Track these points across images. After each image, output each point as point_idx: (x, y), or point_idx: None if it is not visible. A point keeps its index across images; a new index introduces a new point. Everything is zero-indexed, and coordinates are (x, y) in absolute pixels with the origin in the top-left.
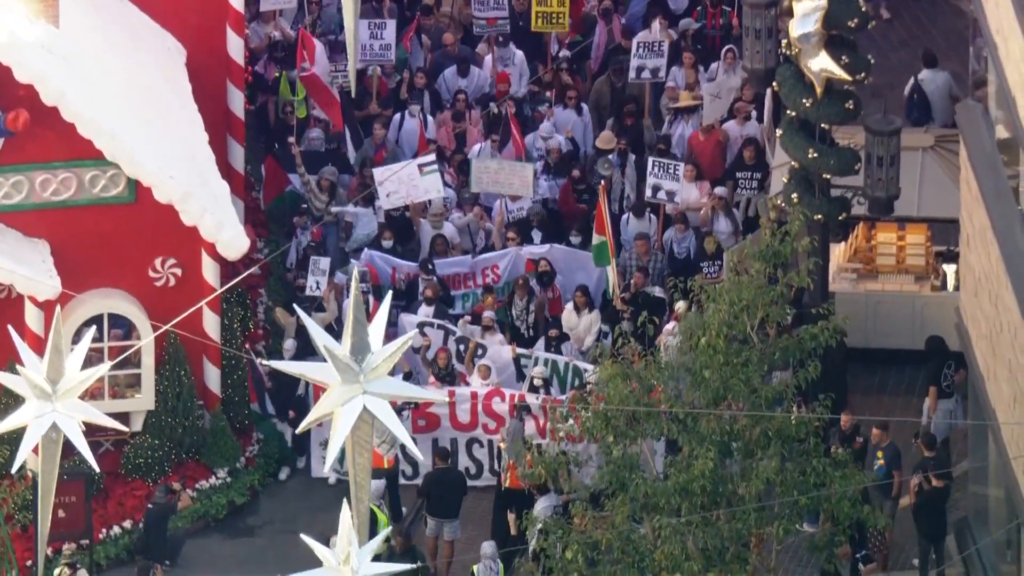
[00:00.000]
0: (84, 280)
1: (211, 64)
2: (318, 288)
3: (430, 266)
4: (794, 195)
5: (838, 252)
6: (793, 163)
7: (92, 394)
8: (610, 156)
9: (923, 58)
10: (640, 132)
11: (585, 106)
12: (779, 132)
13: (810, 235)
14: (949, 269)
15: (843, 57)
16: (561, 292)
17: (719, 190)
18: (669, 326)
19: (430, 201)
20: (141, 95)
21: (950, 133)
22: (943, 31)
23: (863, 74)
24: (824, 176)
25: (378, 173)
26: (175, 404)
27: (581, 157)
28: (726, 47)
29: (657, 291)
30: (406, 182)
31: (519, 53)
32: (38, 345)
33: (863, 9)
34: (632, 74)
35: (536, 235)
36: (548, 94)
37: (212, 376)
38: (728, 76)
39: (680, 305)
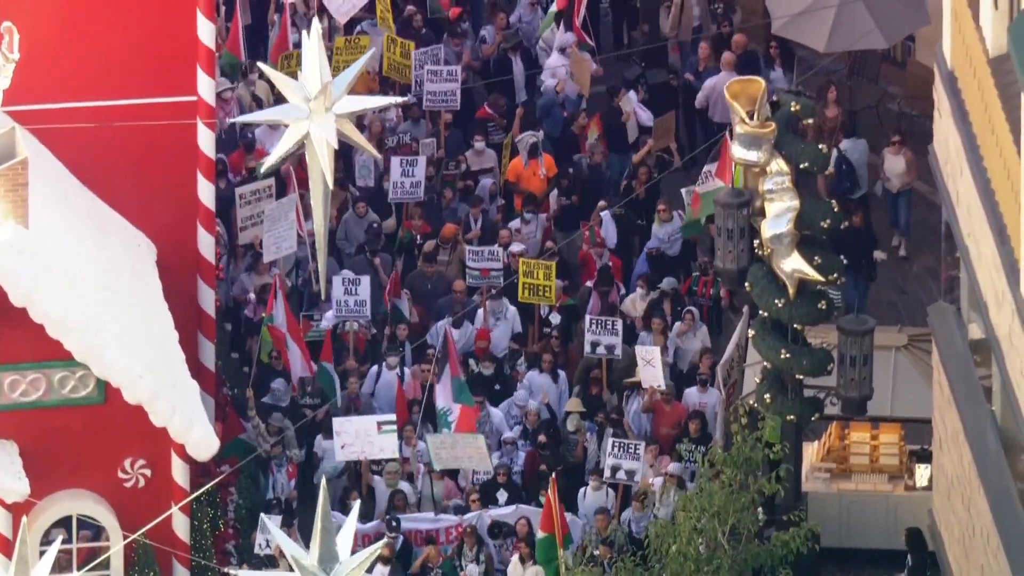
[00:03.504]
0: (53, 481)
1: (181, 261)
2: (267, 546)
3: (394, 523)
4: (767, 395)
5: (811, 451)
6: (766, 363)
7: None
8: (586, 421)
9: (841, 128)
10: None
11: (562, 373)
12: (751, 333)
13: (783, 437)
14: (922, 469)
15: (815, 258)
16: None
17: (673, 467)
18: None
19: (385, 459)
20: (111, 293)
21: (923, 332)
22: (917, 222)
23: (836, 274)
24: (797, 377)
25: (336, 423)
26: None
27: (556, 424)
28: (685, 308)
29: None
30: (362, 437)
31: (512, 308)
32: (6, 548)
33: (836, 211)
34: (587, 348)
35: (501, 495)
36: (521, 356)
37: None
38: (686, 339)
39: None
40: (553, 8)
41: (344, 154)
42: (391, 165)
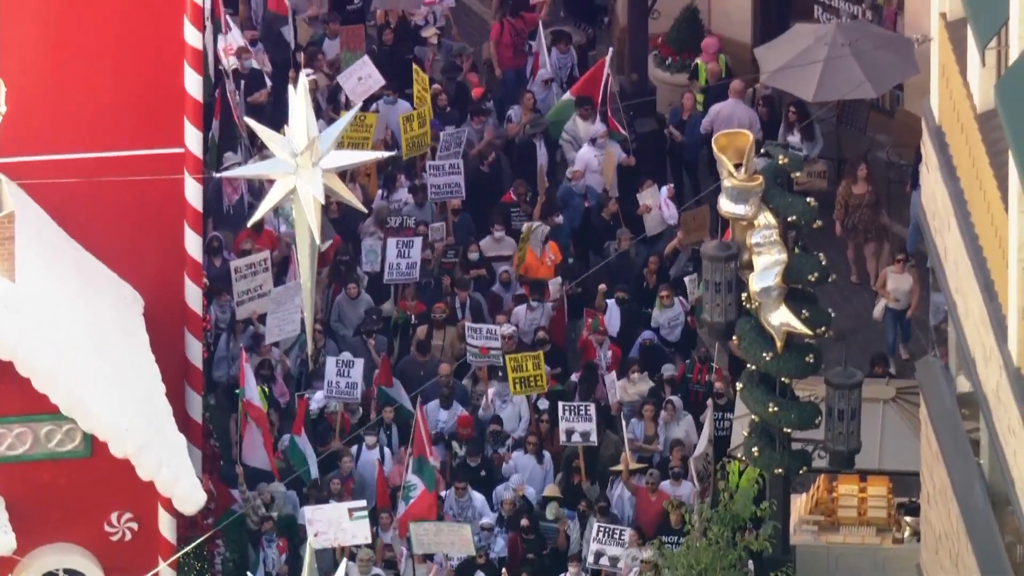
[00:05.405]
0: (39, 535)
1: (169, 313)
2: None
3: None
4: (755, 449)
5: (799, 504)
6: (753, 416)
7: None
8: (564, 509)
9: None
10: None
11: (547, 454)
12: (739, 386)
13: (771, 493)
14: (911, 522)
15: (803, 311)
16: None
17: (648, 555)
18: None
19: (359, 546)
20: (98, 346)
21: (911, 385)
22: None
23: (824, 328)
24: (785, 430)
25: (308, 512)
26: None
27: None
28: (666, 399)
29: None
30: (335, 524)
31: None
32: None
33: (823, 264)
34: (563, 437)
35: None
36: (509, 440)
37: None
38: (670, 428)
39: None
40: (568, 96)
41: (354, 238)
42: (387, 246)
